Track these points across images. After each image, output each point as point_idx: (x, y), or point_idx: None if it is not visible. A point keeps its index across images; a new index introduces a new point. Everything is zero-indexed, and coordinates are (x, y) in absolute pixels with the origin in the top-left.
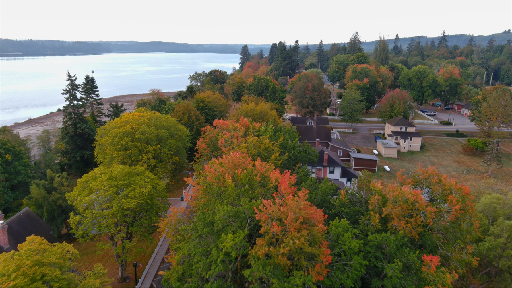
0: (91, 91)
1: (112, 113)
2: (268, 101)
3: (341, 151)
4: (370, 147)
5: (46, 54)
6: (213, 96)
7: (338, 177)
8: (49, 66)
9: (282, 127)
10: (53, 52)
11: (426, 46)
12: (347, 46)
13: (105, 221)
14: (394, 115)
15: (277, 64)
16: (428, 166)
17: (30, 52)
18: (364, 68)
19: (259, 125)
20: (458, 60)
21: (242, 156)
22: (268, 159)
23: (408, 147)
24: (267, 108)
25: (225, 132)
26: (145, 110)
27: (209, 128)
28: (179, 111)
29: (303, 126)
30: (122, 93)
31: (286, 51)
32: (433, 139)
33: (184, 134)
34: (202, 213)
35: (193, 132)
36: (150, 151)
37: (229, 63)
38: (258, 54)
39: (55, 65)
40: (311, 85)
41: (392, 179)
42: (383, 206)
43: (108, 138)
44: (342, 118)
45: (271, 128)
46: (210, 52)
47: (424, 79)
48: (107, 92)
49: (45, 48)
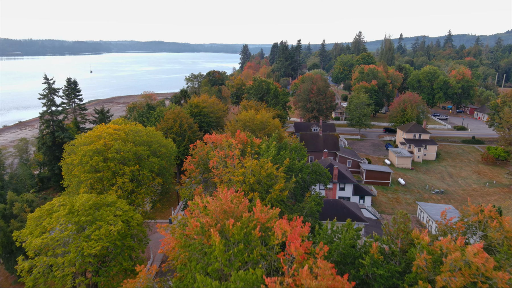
0: (73, 95)
1: (98, 119)
2: (269, 106)
3: (351, 162)
4: (381, 156)
5: (46, 54)
6: (209, 101)
7: (349, 194)
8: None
9: (287, 143)
10: (53, 51)
11: (431, 46)
12: (351, 45)
13: (60, 271)
14: (406, 120)
15: (279, 65)
16: (445, 177)
17: (30, 51)
18: (372, 69)
19: (260, 141)
20: (466, 61)
21: (236, 196)
22: (271, 189)
23: (422, 156)
24: (268, 117)
25: (218, 150)
26: (123, 122)
27: (199, 144)
28: (169, 118)
29: (308, 134)
30: (119, 94)
31: (288, 51)
32: (448, 147)
33: (170, 151)
34: (179, 281)
35: (185, 142)
36: (126, 173)
37: (230, 63)
38: (259, 54)
39: (54, 65)
40: (316, 87)
41: (408, 194)
42: (434, 270)
43: (76, 156)
44: (349, 123)
45: (274, 146)
46: (211, 52)
47: (435, 80)
48: (104, 93)
49: (45, 47)
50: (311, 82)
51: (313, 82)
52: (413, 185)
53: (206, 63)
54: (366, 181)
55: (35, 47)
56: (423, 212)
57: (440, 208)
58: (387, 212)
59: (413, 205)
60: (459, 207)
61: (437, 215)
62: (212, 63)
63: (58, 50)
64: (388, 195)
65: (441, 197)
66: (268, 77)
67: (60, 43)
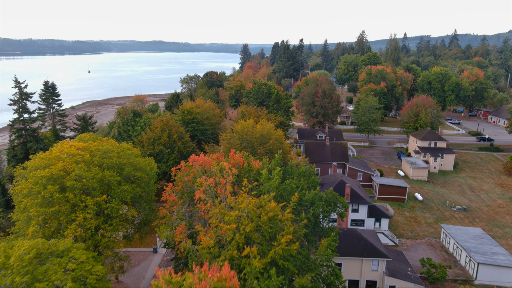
0: (51, 99)
1: (79, 127)
2: (271, 112)
3: (361, 174)
4: (393, 166)
5: (46, 54)
6: (204, 106)
7: (363, 216)
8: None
9: (293, 166)
10: (53, 51)
11: (436, 45)
12: (354, 45)
13: None
14: (420, 126)
15: (280, 65)
16: (466, 191)
17: (29, 51)
18: (380, 70)
19: (259, 164)
20: (475, 61)
21: (221, 280)
22: (275, 240)
23: (439, 166)
24: (270, 128)
25: (207, 176)
26: (91, 138)
27: (184, 167)
28: (156, 127)
29: (314, 143)
30: (116, 94)
31: (290, 51)
32: (464, 155)
33: (149, 174)
34: None
35: (174, 155)
36: (89, 206)
37: (230, 62)
38: (259, 54)
39: (52, 64)
40: (321, 90)
41: (427, 211)
42: None
43: (25, 184)
44: (357, 129)
45: (278, 173)
46: (211, 51)
47: (446, 82)
48: (100, 94)
49: (44, 47)
50: (315, 85)
51: (318, 85)
52: (432, 201)
53: (206, 63)
54: (379, 197)
55: (34, 47)
56: (448, 237)
57: (468, 232)
58: (406, 236)
59: (434, 226)
60: (487, 227)
61: (466, 241)
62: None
63: (57, 50)
64: (405, 214)
65: (464, 215)
66: (268, 78)
67: (60, 43)
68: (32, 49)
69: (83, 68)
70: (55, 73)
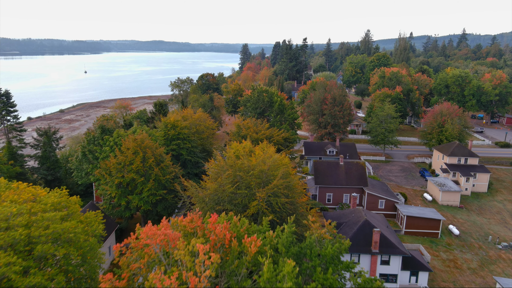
0: (5, 111)
1: (41, 143)
2: (273, 126)
3: (383, 202)
4: (416, 187)
5: (45, 54)
6: (194, 117)
7: (396, 270)
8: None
9: (314, 244)
10: (52, 51)
11: (445, 45)
12: (360, 45)
13: None
14: (446, 139)
15: (282, 66)
16: (508, 220)
17: (28, 51)
18: (395, 73)
19: (257, 243)
20: (488, 61)
21: None
22: None
23: (471, 187)
24: (274, 160)
25: (168, 265)
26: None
27: (135, 244)
28: (128, 149)
29: (325, 163)
30: (110, 96)
31: (292, 51)
32: (496, 171)
33: (83, 247)
34: None
35: (150, 185)
36: None
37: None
38: (260, 54)
39: (49, 65)
40: (331, 97)
41: (467, 251)
42: None
43: None
44: (371, 141)
45: (291, 274)
46: (212, 51)
47: (466, 86)
48: (93, 96)
49: (43, 47)
50: (324, 90)
51: (327, 90)
52: (470, 235)
53: (206, 63)
54: (406, 231)
55: (33, 47)
56: None
57: None
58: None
59: (480, 273)
60: None
61: None
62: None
63: (57, 50)
64: (441, 255)
65: None
66: (269, 81)
67: (59, 43)
68: (31, 49)
69: (81, 68)
70: (51, 74)
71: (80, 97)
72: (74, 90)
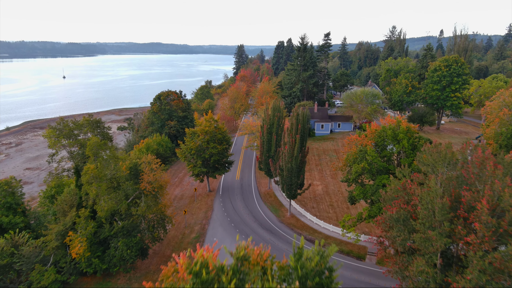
0: None
1: None
2: None
3: None
4: None
5: (37, 56)
6: None
7: None
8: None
9: None
10: (44, 54)
11: (502, 44)
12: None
13: None
14: None
15: (292, 78)
16: None
17: (19, 54)
18: None
19: None
20: None
21: None
22: None
23: None
24: None
25: None
26: None
27: None
28: None
29: None
30: (70, 111)
31: (308, 53)
32: None
33: None
34: None
35: None
36: None
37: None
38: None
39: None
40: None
41: None
42: None
43: None
44: None
45: None
46: (210, 53)
47: None
48: (51, 110)
49: (35, 49)
50: (403, 192)
51: (410, 194)
52: None
53: (202, 66)
54: None
55: (24, 49)
56: None
57: None
58: None
59: None
60: None
61: None
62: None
63: (49, 52)
64: None
65: None
66: (274, 111)
67: (52, 45)
68: (22, 51)
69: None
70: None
71: (35, 111)
72: (33, 101)
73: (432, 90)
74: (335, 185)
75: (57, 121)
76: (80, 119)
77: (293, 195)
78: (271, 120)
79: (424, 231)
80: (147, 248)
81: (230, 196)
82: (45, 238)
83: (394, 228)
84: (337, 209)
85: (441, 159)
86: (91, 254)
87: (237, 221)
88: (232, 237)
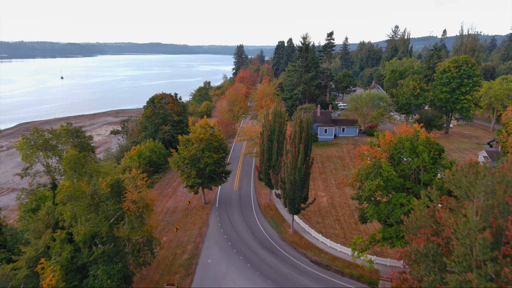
0: None
1: None
2: None
3: None
4: None
5: (36, 56)
6: None
7: None
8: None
9: None
10: (44, 54)
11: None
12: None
13: None
14: None
15: (293, 79)
16: None
17: (19, 54)
18: None
19: None
20: None
21: None
22: None
23: None
24: None
25: None
26: None
27: None
28: None
29: None
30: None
31: (310, 54)
32: None
33: None
34: None
35: None
36: None
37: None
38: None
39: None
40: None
41: None
42: None
43: None
44: None
45: None
46: (210, 53)
47: None
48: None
49: (34, 50)
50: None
51: (440, 224)
52: None
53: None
54: None
55: (23, 50)
56: None
57: None
58: None
59: None
60: None
61: None
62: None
63: (49, 53)
64: None
65: None
66: (275, 117)
67: (51, 45)
68: (21, 52)
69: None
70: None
71: (30, 112)
72: (30, 102)
73: (440, 92)
74: (341, 196)
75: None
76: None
77: (296, 210)
78: (271, 127)
79: (461, 271)
80: (131, 275)
81: (228, 209)
82: (15, 265)
83: (421, 265)
84: (344, 225)
85: (480, 182)
86: (67, 283)
87: (235, 239)
88: (228, 258)
